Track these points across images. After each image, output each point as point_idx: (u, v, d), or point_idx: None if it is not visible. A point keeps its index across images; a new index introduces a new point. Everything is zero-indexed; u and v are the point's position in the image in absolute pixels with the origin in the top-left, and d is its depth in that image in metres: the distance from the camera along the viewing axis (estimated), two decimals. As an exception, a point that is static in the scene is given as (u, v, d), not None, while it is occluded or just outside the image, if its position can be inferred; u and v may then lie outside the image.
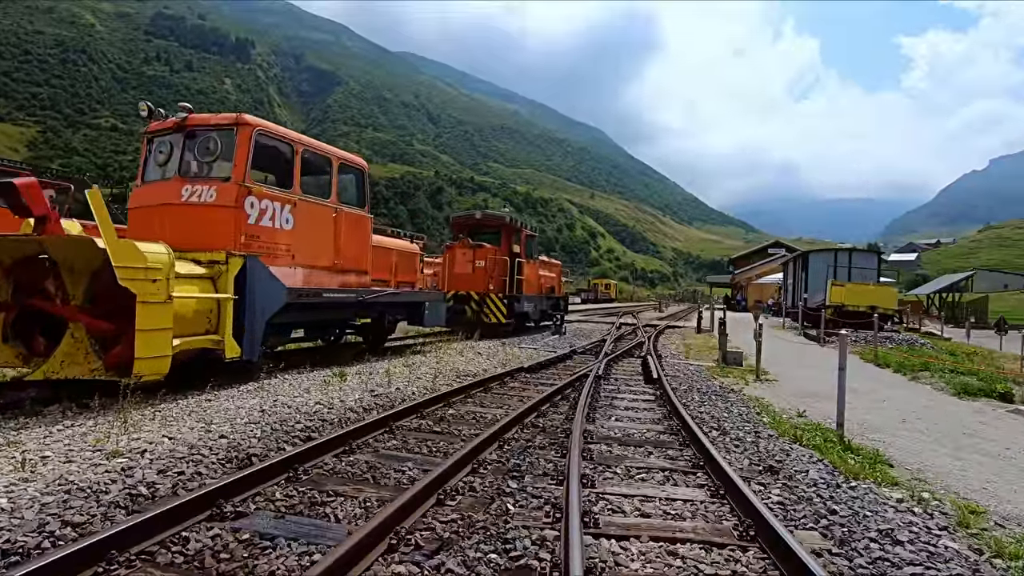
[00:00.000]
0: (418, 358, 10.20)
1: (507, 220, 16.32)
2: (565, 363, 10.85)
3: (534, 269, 17.84)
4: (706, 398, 7.70)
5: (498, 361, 10.63)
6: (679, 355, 13.59)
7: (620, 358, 11.94)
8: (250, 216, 7.16)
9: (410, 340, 13.76)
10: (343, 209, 8.86)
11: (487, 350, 12.23)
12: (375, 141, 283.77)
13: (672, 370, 10.59)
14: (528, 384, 8.22)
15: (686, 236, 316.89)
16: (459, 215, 17.54)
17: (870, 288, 18.47)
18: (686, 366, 11.37)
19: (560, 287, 21.48)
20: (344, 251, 8.89)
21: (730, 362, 11.79)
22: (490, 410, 6.31)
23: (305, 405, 5.89)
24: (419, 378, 8.09)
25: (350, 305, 8.99)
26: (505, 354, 11.69)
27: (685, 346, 15.70)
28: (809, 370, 11.69)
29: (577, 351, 12.71)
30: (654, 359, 10.99)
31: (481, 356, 11.17)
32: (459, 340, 13.84)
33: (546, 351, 12.82)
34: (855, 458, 5.00)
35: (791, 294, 24.86)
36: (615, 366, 10.73)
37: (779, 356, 13.62)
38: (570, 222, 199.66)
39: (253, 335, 6.79)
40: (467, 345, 12.87)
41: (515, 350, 12.63)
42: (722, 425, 6.04)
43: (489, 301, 15.21)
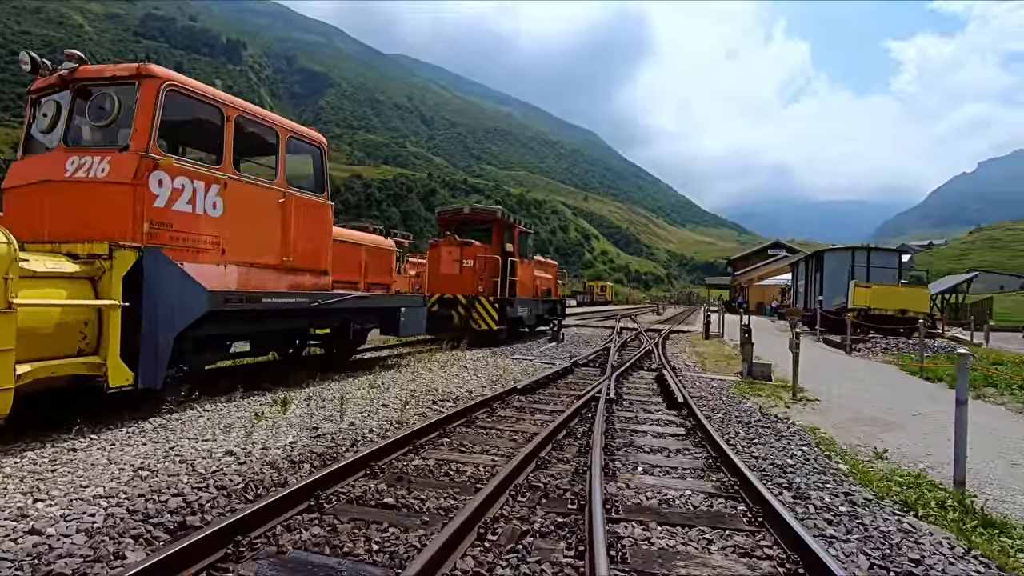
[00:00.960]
0: (390, 375, 8.49)
1: (498, 215, 14.64)
2: (567, 379, 9.17)
3: (528, 270, 16.17)
4: (750, 429, 6.04)
5: (487, 378, 8.93)
6: (694, 366, 11.95)
7: (630, 371, 10.27)
8: (158, 197, 5.45)
9: (387, 351, 12.03)
10: (294, 194, 7.15)
11: (475, 363, 10.54)
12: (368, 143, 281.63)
13: (693, 387, 8.94)
14: (523, 412, 6.53)
15: (679, 238, 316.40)
16: (446, 210, 15.86)
17: (899, 289, 16.93)
18: (707, 382, 9.72)
19: (557, 289, 19.82)
20: (296, 246, 7.18)
21: (757, 376, 10.15)
22: (472, 458, 4.61)
23: (209, 457, 4.18)
24: (385, 405, 6.39)
25: (303, 312, 7.27)
26: (496, 368, 10.00)
27: (697, 355, 14.06)
28: (850, 385, 10.07)
29: (579, 363, 11.04)
30: (670, 374, 9.34)
31: (467, 371, 9.47)
32: (444, 350, 12.14)
33: (544, 363, 11.14)
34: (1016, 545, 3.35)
35: (803, 296, 23.30)
36: (626, 382, 9.06)
37: (806, 367, 12.01)
38: (564, 224, 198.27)
39: (154, 355, 5.07)
40: (452, 356, 11.17)
41: (508, 362, 10.95)
42: (791, 479, 4.38)
43: (479, 305, 13.52)
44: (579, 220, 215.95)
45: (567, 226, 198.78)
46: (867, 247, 20.35)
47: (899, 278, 19.54)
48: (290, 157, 7.39)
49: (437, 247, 14.20)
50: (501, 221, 14.81)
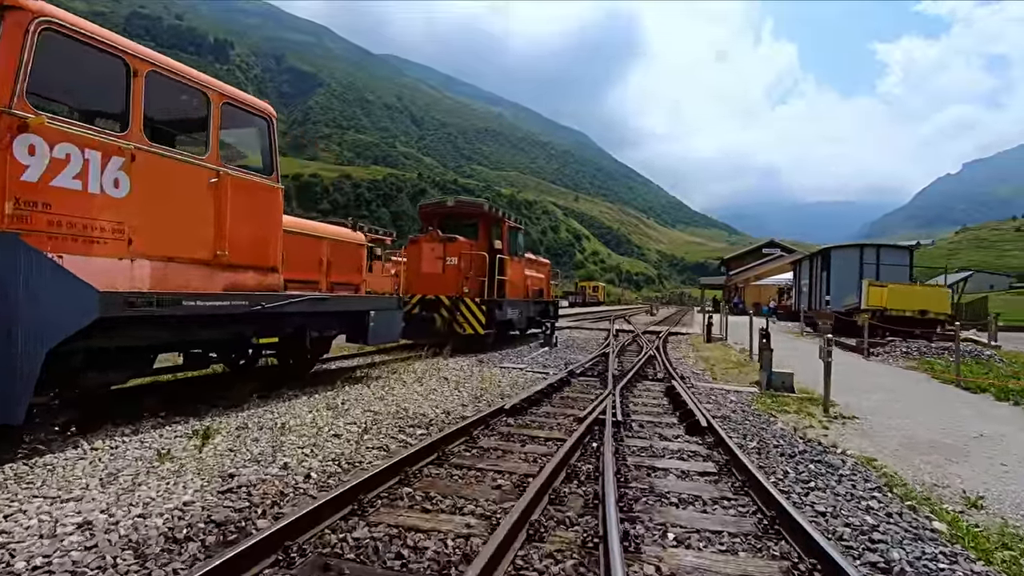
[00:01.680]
0: (355, 391, 7.18)
1: (485, 208, 13.36)
2: (562, 393, 7.91)
3: (519, 268, 14.91)
4: (798, 465, 4.80)
5: (470, 392, 7.65)
6: (703, 374, 10.74)
7: (634, 382, 9.03)
8: (28, 169, 4.12)
9: (359, 360, 10.70)
10: (231, 174, 5.84)
11: (458, 373, 9.25)
12: (357, 143, 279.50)
13: (709, 401, 7.72)
14: (511, 442, 5.25)
15: (670, 239, 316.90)
16: (428, 203, 14.55)
17: (918, 289, 15.84)
18: (723, 395, 8.50)
19: (549, 290, 18.58)
20: (234, 237, 5.86)
21: (778, 387, 8.95)
22: (439, 523, 3.33)
23: (50, 534, 2.87)
24: (337, 435, 5.09)
25: (243, 318, 5.95)
26: (481, 380, 8.72)
27: (704, 361, 12.87)
28: (882, 397, 8.89)
29: (576, 372, 9.79)
30: (682, 386, 8.11)
31: (448, 384, 8.18)
32: (424, 358, 10.85)
33: (536, 373, 9.88)
34: None
35: (808, 296, 22.23)
36: (631, 396, 7.82)
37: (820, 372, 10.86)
38: (555, 224, 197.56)
39: (10, 377, 3.74)
40: (433, 366, 9.88)
41: (495, 372, 9.67)
42: (885, 553, 3.14)
43: (464, 307, 12.23)
44: (570, 220, 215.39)
45: (558, 226, 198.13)
46: (876, 244, 19.31)
47: (911, 277, 18.52)
48: (228, 130, 6.09)
49: (418, 243, 12.90)
50: (488, 215, 13.53)
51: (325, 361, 9.86)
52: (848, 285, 18.66)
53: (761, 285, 41.95)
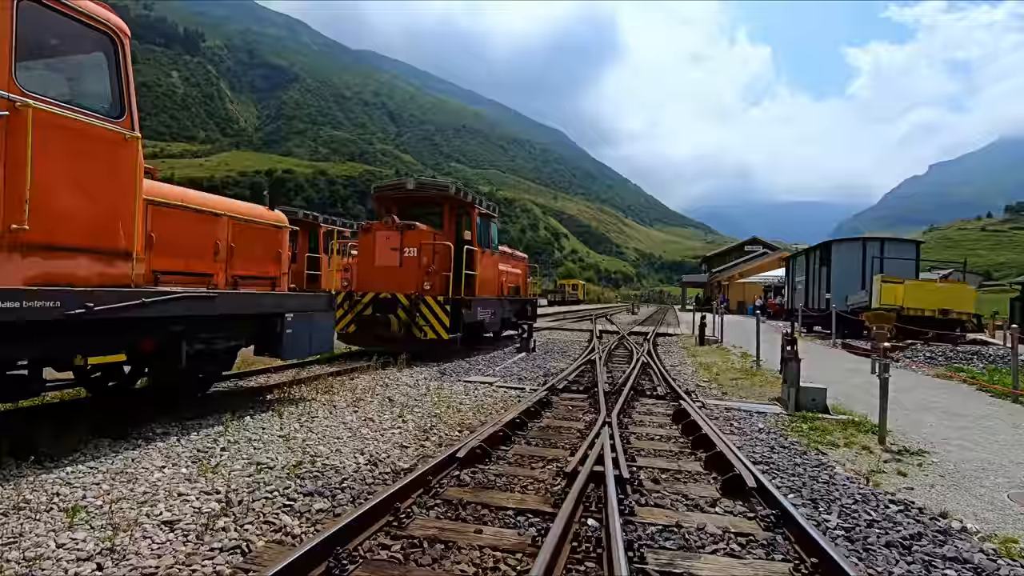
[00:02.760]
0: (255, 426, 5.20)
1: (452, 191, 11.41)
2: (541, 422, 6.02)
3: (492, 263, 13.00)
4: (909, 558, 3.00)
5: (418, 424, 5.72)
6: (708, 386, 8.97)
7: (631, 402, 7.20)
8: None
9: (291, 373, 8.63)
10: (39, 108, 3.81)
11: (409, 392, 7.31)
12: (333, 139, 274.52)
13: (730, 428, 5.94)
14: (459, 525, 3.33)
15: (648, 237, 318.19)
16: (384, 184, 12.49)
17: (937, 286, 14.33)
18: (744, 417, 6.73)
19: (526, 287, 16.71)
20: (48, 203, 3.85)
21: (807, 406, 7.21)
22: None
23: None
24: (170, 523, 3.10)
25: (58, 327, 3.92)
26: (437, 401, 6.79)
27: (704, 369, 11.12)
28: (938, 417, 7.20)
29: (557, 387, 7.93)
30: (693, 407, 6.31)
31: (391, 410, 6.24)
32: (373, 370, 8.89)
33: (509, 388, 7.98)
34: None
35: (805, 294, 20.74)
36: (633, 425, 5.97)
37: (849, 385, 9.21)
38: (534, 223, 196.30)
39: None
40: (380, 381, 7.92)
41: (457, 389, 7.75)
42: None
43: (425, 308, 10.28)
44: (549, 218, 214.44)
45: (537, 224, 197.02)
46: (880, 237, 17.90)
47: (917, 272, 17.13)
48: (40, 46, 4.08)
49: (370, 231, 10.89)
50: (455, 199, 11.58)
51: (242, 377, 7.83)
52: (850, 282, 17.21)
53: (746, 283, 40.75)
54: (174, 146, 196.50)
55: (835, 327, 14.78)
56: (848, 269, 17.34)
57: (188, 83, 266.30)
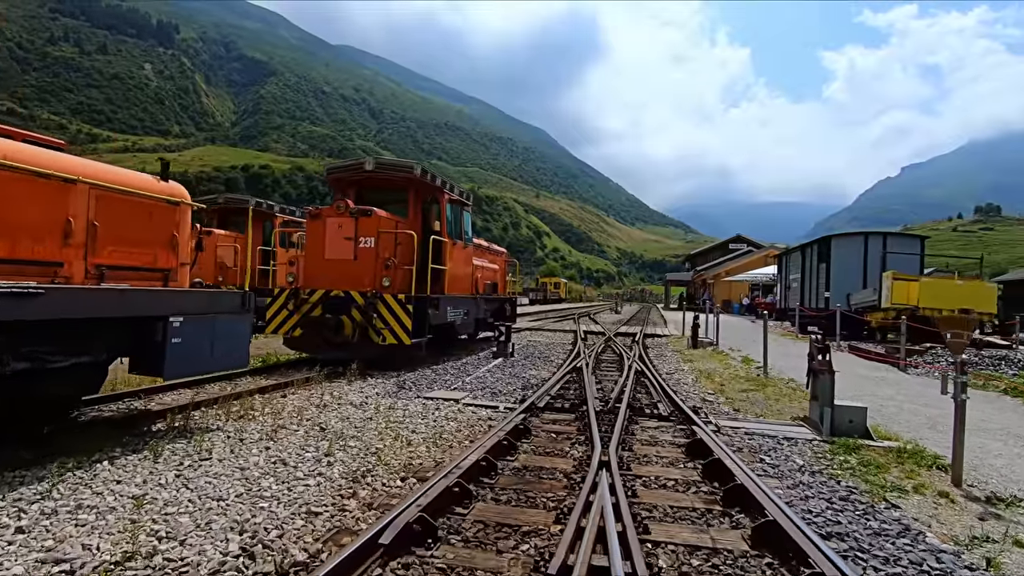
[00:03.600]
0: (101, 479, 3.64)
1: (417, 173, 9.86)
2: (515, 462, 4.55)
3: (465, 256, 11.50)
4: None
5: (348, 466, 4.20)
6: (715, 400, 7.60)
7: (631, 425, 5.78)
8: None
9: (216, 388, 7.02)
10: None
11: (349, 416, 5.78)
12: (312, 134, 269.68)
13: (758, 459, 4.56)
14: None
15: (629, 236, 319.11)
16: (338, 165, 10.87)
17: (955, 284, 13.19)
18: (771, 445, 5.35)
19: (505, 284, 15.23)
20: None
21: (844, 429, 5.86)
22: None
23: None
24: None
25: None
26: (382, 430, 5.29)
27: (704, 377, 9.76)
28: (1005, 443, 5.91)
29: (538, 405, 6.48)
30: (712, 438, 4.90)
31: (321, 441, 4.71)
32: (315, 383, 7.35)
33: (477, 408, 6.49)
34: None
35: (800, 292, 19.62)
36: (637, 464, 4.54)
37: (871, 397, 7.92)
38: (515, 221, 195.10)
39: None
40: (316, 400, 6.38)
41: (413, 410, 6.24)
42: None
43: (383, 307, 8.74)
44: (531, 217, 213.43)
45: (519, 223, 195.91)
46: (883, 232, 16.83)
47: (922, 268, 16.08)
48: None
49: (319, 218, 9.29)
50: (421, 182, 10.06)
51: (136, 396, 6.21)
52: (851, 279, 16.12)
53: (732, 281, 39.82)
54: (146, 140, 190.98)
55: (839, 328, 13.57)
56: (848, 266, 16.24)
57: (161, 76, 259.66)
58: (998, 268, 79.54)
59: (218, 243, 13.51)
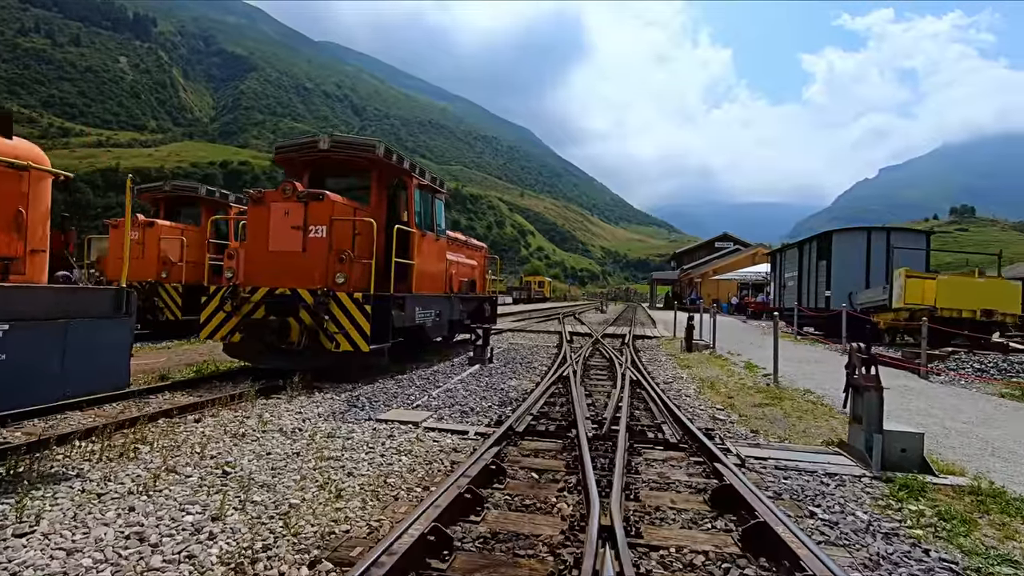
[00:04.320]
0: None
1: (380, 152, 8.54)
2: (480, 530, 3.30)
3: (437, 251, 10.20)
4: None
5: (238, 543, 2.89)
6: (728, 418, 6.43)
7: (633, 460, 4.55)
8: None
9: (114, 409, 5.64)
10: None
11: (273, 449, 4.46)
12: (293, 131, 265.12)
13: (816, 525, 3.37)
14: None
15: (613, 236, 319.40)
16: (289, 144, 9.45)
17: (976, 282, 12.20)
18: (813, 487, 4.17)
19: (484, 282, 13.95)
20: None
21: (898, 460, 4.70)
22: None
23: None
24: None
25: None
26: (311, 471, 3.99)
27: (708, 387, 8.59)
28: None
29: (517, 429, 5.24)
30: (738, 479, 3.69)
31: (215, 494, 3.40)
32: (246, 400, 6.01)
33: (441, 435, 5.21)
34: None
35: (797, 291, 18.64)
36: (649, 523, 3.32)
37: (907, 413, 6.81)
38: (500, 219, 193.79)
39: None
40: (237, 424, 5.05)
41: (361, 437, 4.94)
42: None
43: (336, 308, 7.42)
44: (515, 216, 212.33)
45: (503, 221, 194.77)
46: (886, 227, 15.90)
47: (927, 265, 15.16)
48: None
49: (262, 203, 7.92)
50: (385, 164, 8.74)
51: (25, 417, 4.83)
52: (853, 277, 15.17)
53: (720, 279, 39.01)
54: (121, 135, 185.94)
55: (845, 330, 12.54)
56: (851, 263, 15.29)
57: (137, 69, 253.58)
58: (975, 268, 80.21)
59: (161, 235, 12.04)
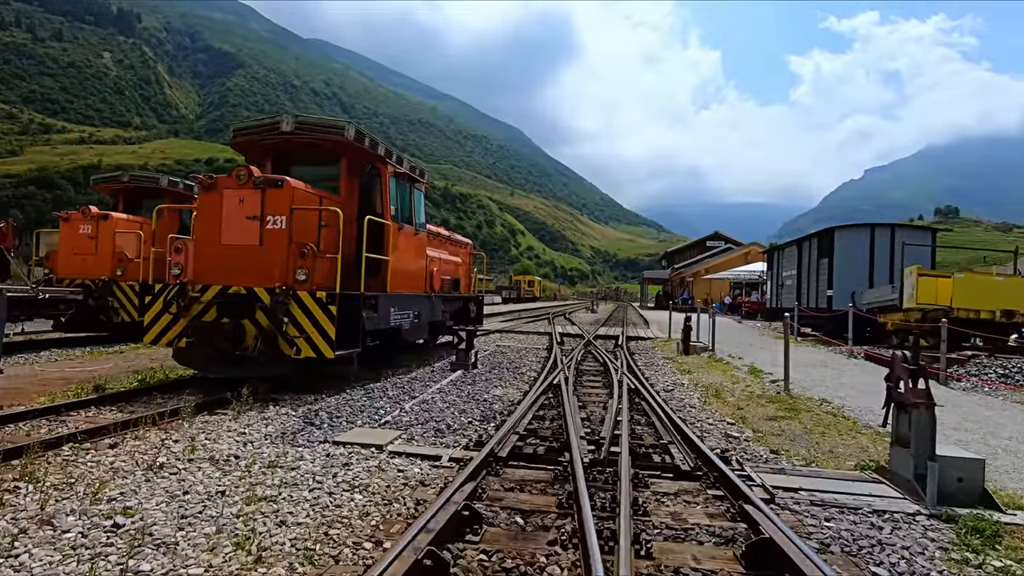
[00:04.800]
0: None
1: (350, 135, 7.66)
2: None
3: (416, 246, 9.31)
4: None
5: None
6: (739, 433, 5.64)
7: (639, 489, 3.74)
8: None
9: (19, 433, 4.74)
10: None
11: (196, 486, 3.57)
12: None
13: None
14: None
15: (603, 235, 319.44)
16: (247, 126, 8.48)
17: (995, 281, 11.51)
18: (859, 531, 3.37)
19: (470, 281, 13.08)
20: None
21: (955, 493, 3.93)
22: None
23: None
24: None
25: None
26: (235, 514, 3.12)
27: (712, 395, 7.80)
28: None
29: (499, 455, 4.39)
30: (793, 542, 2.87)
31: (83, 562, 2.54)
32: (184, 416, 5.12)
33: (408, 461, 4.33)
34: None
35: (797, 291, 17.97)
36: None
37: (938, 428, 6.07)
38: (490, 219, 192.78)
39: None
40: (163, 449, 4.16)
41: (309, 467, 4.07)
42: None
43: (297, 309, 6.53)
44: (505, 215, 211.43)
45: (493, 221, 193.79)
46: (890, 224, 15.27)
47: (932, 262, 14.54)
48: None
49: (214, 189, 7.00)
50: (355, 148, 7.85)
51: None
52: (857, 276, 14.51)
53: (713, 279, 38.43)
54: (104, 132, 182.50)
55: (852, 332, 11.83)
56: (854, 261, 14.63)
57: (121, 65, 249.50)
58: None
59: (117, 229, 11.05)
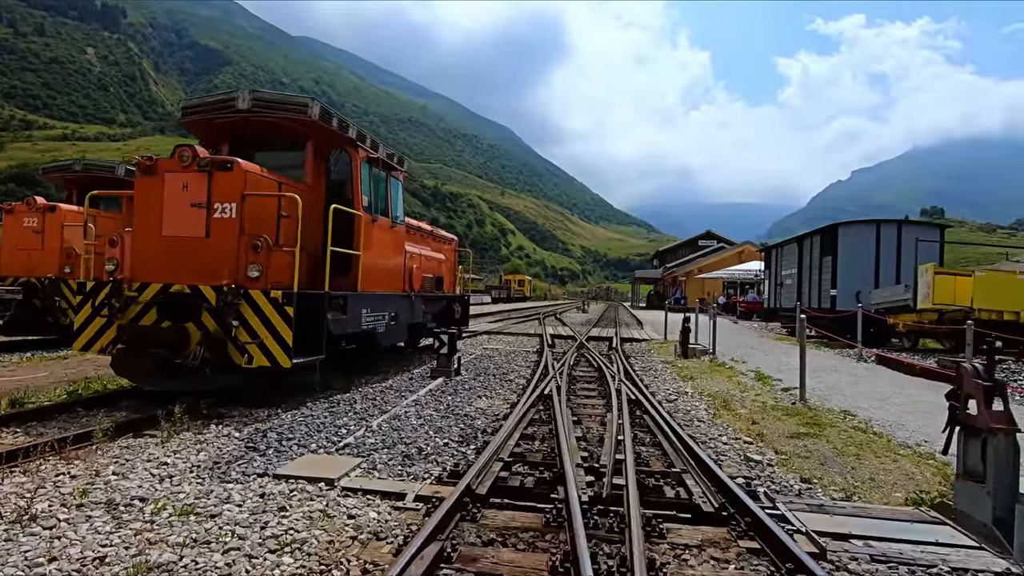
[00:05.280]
0: None
1: (315, 114, 6.77)
2: None
3: (393, 240, 8.42)
4: None
5: None
6: (761, 456, 4.83)
7: (657, 544, 2.91)
8: None
9: None
10: None
11: (68, 547, 2.68)
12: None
13: None
14: None
15: (594, 235, 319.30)
16: (197, 103, 7.51)
17: (1020, 281, 10.80)
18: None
19: (455, 279, 12.19)
20: None
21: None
22: None
23: None
24: None
25: None
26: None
27: (722, 406, 7.00)
28: None
29: (477, 490, 3.54)
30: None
31: None
32: (99, 440, 4.20)
33: (360, 507, 3.44)
34: None
35: (796, 290, 17.27)
36: None
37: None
38: (480, 218, 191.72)
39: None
40: (44, 492, 3.26)
41: (231, 516, 3.18)
42: None
43: (248, 311, 5.64)
44: (496, 215, 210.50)
45: (483, 220, 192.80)
46: (896, 220, 14.60)
47: (941, 259, 13.89)
48: None
49: (154, 173, 6.08)
50: (322, 129, 6.95)
51: None
52: (862, 274, 13.84)
53: (706, 278, 37.81)
54: (88, 128, 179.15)
55: (861, 334, 11.12)
56: (858, 259, 13.95)
57: (106, 61, 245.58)
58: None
59: (64, 222, 10.06)
